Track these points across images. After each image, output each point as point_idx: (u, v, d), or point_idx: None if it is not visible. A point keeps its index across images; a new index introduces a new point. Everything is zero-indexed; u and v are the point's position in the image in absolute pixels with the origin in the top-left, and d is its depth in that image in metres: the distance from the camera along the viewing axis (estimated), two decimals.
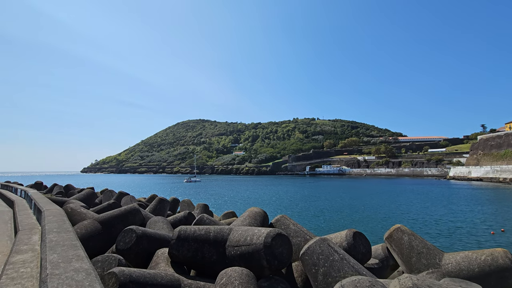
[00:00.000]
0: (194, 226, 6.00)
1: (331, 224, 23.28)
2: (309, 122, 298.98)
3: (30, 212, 8.14)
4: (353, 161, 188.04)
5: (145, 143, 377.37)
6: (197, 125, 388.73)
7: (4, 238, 6.32)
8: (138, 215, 9.03)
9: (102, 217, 8.54)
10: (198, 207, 14.04)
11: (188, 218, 9.38)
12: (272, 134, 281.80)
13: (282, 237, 5.10)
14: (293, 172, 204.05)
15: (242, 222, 6.60)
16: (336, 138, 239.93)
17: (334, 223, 23.72)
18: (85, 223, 8.25)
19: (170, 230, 8.07)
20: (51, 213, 5.29)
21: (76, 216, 8.84)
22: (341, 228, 19.98)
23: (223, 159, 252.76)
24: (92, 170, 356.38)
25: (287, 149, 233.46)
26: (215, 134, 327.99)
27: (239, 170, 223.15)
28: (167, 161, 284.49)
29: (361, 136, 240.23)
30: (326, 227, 21.58)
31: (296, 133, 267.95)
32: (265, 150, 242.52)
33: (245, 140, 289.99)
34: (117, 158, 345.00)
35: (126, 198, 14.74)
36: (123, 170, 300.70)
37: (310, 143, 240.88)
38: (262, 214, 7.14)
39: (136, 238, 6.32)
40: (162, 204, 12.39)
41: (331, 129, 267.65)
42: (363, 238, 5.73)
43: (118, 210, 8.86)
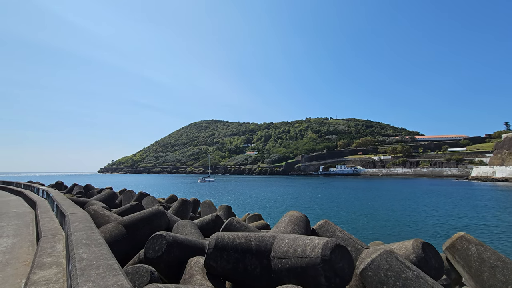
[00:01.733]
0: (233, 233, 5.30)
1: (363, 229, 21.47)
2: (322, 122, 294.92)
3: (53, 214, 7.68)
4: (368, 161, 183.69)
5: (159, 143, 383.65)
6: (210, 125, 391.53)
7: (25, 243, 5.83)
8: (163, 218, 8.45)
9: (127, 220, 8.00)
10: (221, 208, 13.40)
11: (217, 222, 8.71)
12: (285, 134, 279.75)
13: (341, 249, 4.30)
14: (306, 172, 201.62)
15: (285, 228, 5.84)
16: (350, 137, 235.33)
17: (366, 229, 21.90)
18: (109, 226, 7.73)
19: (200, 235, 7.42)
20: (75, 218, 4.71)
21: (100, 219, 8.37)
22: (377, 236, 18.61)
23: (236, 159, 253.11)
24: (109, 170, 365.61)
25: (300, 149, 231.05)
26: (228, 134, 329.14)
27: (251, 170, 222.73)
28: (180, 161, 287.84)
29: (376, 135, 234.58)
30: (360, 234, 19.77)
31: (309, 133, 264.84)
32: (277, 150, 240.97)
33: (257, 140, 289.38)
34: (133, 159, 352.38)
35: (147, 199, 14.29)
36: (138, 170, 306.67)
37: (324, 143, 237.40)
38: (305, 220, 6.36)
39: (166, 245, 5.68)
40: (185, 205, 11.82)
41: (345, 128, 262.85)
42: (433, 250, 4.84)
43: (142, 213, 8.31)
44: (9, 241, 6.00)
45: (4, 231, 7.08)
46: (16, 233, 6.81)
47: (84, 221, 4.37)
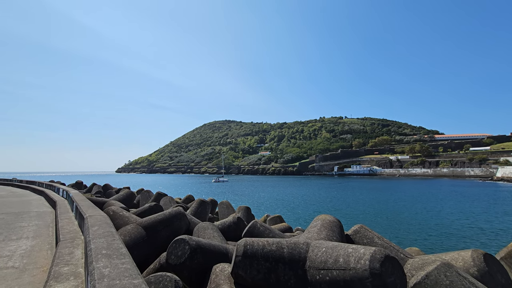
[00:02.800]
0: (262, 240, 4.83)
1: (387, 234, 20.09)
2: (336, 121, 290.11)
3: (72, 215, 7.48)
4: (385, 161, 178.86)
5: (174, 144, 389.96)
6: (223, 126, 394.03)
7: (45, 246, 5.59)
8: (183, 220, 8.10)
9: (146, 222, 7.70)
10: (240, 210, 12.98)
11: (238, 224, 8.27)
12: (298, 134, 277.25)
13: (392, 261, 3.72)
14: (320, 172, 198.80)
15: (318, 234, 5.30)
16: (366, 137, 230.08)
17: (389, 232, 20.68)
18: (129, 228, 7.45)
19: (222, 240, 7.00)
20: (94, 221, 4.38)
21: (119, 220, 8.13)
22: (401, 241, 17.46)
23: (249, 159, 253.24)
24: (126, 170, 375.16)
25: (313, 149, 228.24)
26: (241, 134, 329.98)
27: (265, 170, 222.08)
28: (194, 161, 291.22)
29: (393, 134, 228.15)
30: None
31: (323, 133, 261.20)
32: (291, 150, 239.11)
33: (270, 140, 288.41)
34: (148, 159, 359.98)
35: (165, 199, 14.08)
36: (153, 170, 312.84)
37: (338, 142, 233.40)
38: (338, 224, 5.79)
39: (190, 251, 5.28)
40: (203, 206, 11.47)
41: (360, 127, 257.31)
42: (497, 263, 4.16)
43: (162, 214, 7.99)
44: (28, 243, 5.79)
45: (24, 232, 6.94)
46: (36, 235, 6.63)
47: (104, 225, 4.02)
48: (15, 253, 5.11)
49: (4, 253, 5.13)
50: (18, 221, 8.47)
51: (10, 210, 10.76)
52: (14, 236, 6.48)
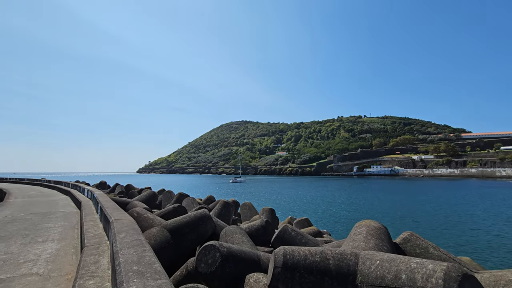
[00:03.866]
0: (302, 248, 4.28)
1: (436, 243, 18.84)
2: (355, 120, 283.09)
3: (97, 217, 7.28)
4: (407, 161, 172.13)
5: (191, 145, 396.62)
6: (240, 126, 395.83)
7: (70, 250, 5.34)
8: (209, 223, 7.70)
9: (171, 225, 7.37)
10: (264, 211, 12.46)
11: (267, 228, 7.75)
12: (316, 134, 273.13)
13: (470, 280, 3.06)
14: (339, 172, 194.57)
15: (366, 243, 4.67)
16: (387, 136, 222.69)
17: (436, 241, 19.25)
18: (154, 231, 7.14)
19: (252, 245, 6.51)
20: (121, 225, 4.02)
21: (143, 222, 7.87)
22: (457, 250, 16.01)
23: (266, 159, 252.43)
24: (146, 170, 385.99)
25: (332, 149, 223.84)
26: (258, 135, 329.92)
27: (282, 171, 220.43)
28: (212, 162, 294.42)
29: (416, 133, 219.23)
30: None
31: (341, 132, 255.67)
32: (308, 150, 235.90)
33: (287, 140, 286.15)
34: (167, 159, 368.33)
35: (187, 200, 13.83)
36: (172, 171, 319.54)
37: (357, 142, 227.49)
38: (385, 231, 5.13)
39: (221, 258, 4.83)
40: (227, 208, 11.06)
41: (380, 126, 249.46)
42: None
43: (187, 217, 7.63)
44: (53, 247, 5.58)
45: (50, 234, 6.79)
46: (61, 237, 6.45)
47: (131, 231, 3.64)
48: (40, 257, 4.87)
49: (29, 257, 4.91)
50: (44, 222, 8.42)
51: (38, 210, 10.86)
52: (40, 238, 6.33)
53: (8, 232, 7.01)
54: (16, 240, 6.11)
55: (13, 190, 21.96)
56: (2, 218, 9.05)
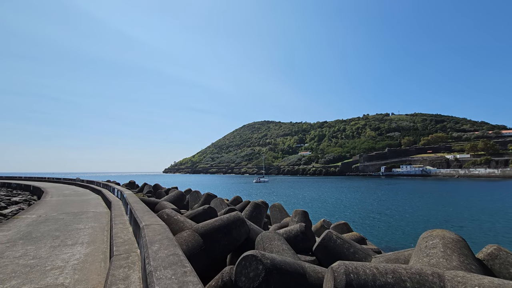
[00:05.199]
0: (367, 265, 3.48)
1: None
2: (382, 118, 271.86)
3: (126, 219, 6.91)
4: (440, 160, 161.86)
5: (215, 145, 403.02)
6: (262, 126, 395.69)
7: (98, 256, 4.92)
8: (243, 227, 7.07)
9: (203, 228, 6.82)
10: (296, 214, 11.63)
11: (307, 234, 6.96)
12: (340, 133, 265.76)
13: None
14: (365, 173, 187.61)
15: (447, 260, 3.75)
16: (417, 134, 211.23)
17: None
18: (185, 235, 6.64)
19: (294, 255, 5.77)
20: (153, 233, 3.46)
21: (173, 225, 7.42)
22: None
23: (289, 159, 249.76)
24: (172, 170, 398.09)
25: (357, 148, 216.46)
26: (280, 134, 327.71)
27: (305, 171, 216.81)
28: (235, 162, 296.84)
29: (449, 131, 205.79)
30: None
31: (367, 131, 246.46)
32: (332, 150, 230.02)
33: (310, 139, 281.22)
34: (192, 160, 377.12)
35: (215, 201, 13.36)
36: (196, 171, 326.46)
37: (385, 141, 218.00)
38: (465, 245, 4.16)
39: (265, 272, 4.15)
40: (258, 210, 10.41)
41: (410, 124, 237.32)
42: None
43: (219, 220, 7.05)
44: (82, 251, 5.21)
45: (80, 236, 6.52)
46: (91, 240, 6.12)
47: (165, 240, 3.06)
48: (68, 264, 4.49)
49: (57, 263, 4.54)
50: (75, 222, 8.27)
51: (70, 210, 10.89)
52: (70, 240, 6.04)
53: (40, 233, 6.85)
54: (46, 242, 5.86)
55: (50, 189, 22.94)
56: (36, 218, 9.06)
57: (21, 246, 5.56)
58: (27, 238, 6.26)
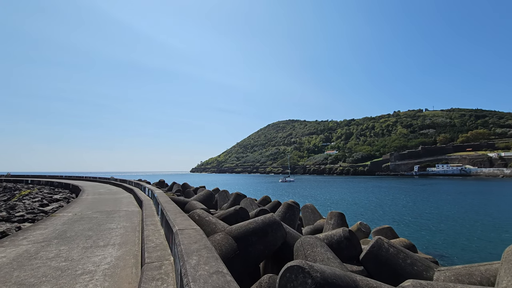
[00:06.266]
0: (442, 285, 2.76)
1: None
2: (414, 115, 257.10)
3: (157, 220, 6.63)
4: (482, 159, 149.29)
5: (240, 145, 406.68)
6: (287, 125, 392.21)
7: (130, 260, 4.60)
8: (279, 230, 6.49)
9: (236, 231, 6.35)
10: (332, 216, 10.84)
11: (351, 240, 6.20)
12: (369, 131, 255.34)
13: None
14: (396, 172, 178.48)
15: None
16: (454, 131, 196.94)
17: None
18: (218, 238, 6.21)
19: (340, 264, 5.09)
20: (188, 240, 3.00)
21: (205, 227, 7.04)
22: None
23: (315, 158, 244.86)
24: (198, 170, 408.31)
25: (387, 147, 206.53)
26: (305, 133, 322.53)
27: (332, 170, 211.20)
28: (260, 161, 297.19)
29: (492, 127, 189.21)
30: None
31: (398, 128, 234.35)
32: (361, 149, 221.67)
33: (337, 138, 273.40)
34: (217, 159, 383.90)
35: (245, 201, 12.92)
36: (222, 170, 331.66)
37: (418, 138, 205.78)
38: None
39: (315, 287, 3.57)
40: (291, 211, 9.78)
41: (446, 120, 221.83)
42: None
43: (254, 223, 6.53)
44: (113, 254, 4.95)
45: (112, 236, 6.34)
46: (122, 241, 5.89)
47: (204, 251, 2.58)
48: (99, 268, 4.20)
49: (88, 266, 4.28)
50: (108, 222, 8.21)
51: (104, 208, 11.01)
52: (102, 241, 5.85)
53: (73, 232, 6.79)
54: (78, 243, 5.72)
55: (87, 188, 24.01)
56: (72, 216, 9.19)
57: (55, 246, 5.45)
58: (62, 238, 6.18)
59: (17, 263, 4.44)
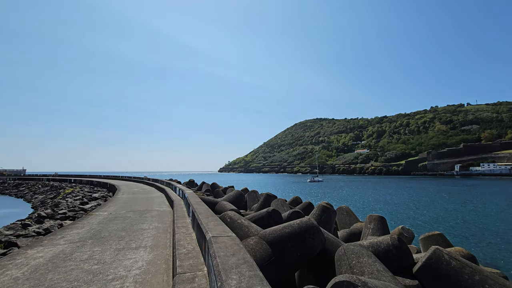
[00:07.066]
0: None
1: None
2: (454, 110, 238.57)
3: (188, 222, 6.41)
4: None
5: (267, 144, 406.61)
6: (315, 124, 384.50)
7: (161, 266, 4.36)
8: (318, 236, 5.94)
9: (271, 236, 5.91)
10: (371, 220, 9.99)
11: (402, 249, 5.46)
12: (403, 128, 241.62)
13: None
14: (434, 172, 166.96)
15: None
16: (502, 127, 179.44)
17: None
18: (252, 243, 5.81)
19: (392, 278, 4.44)
20: (225, 252, 2.62)
21: (237, 230, 6.69)
22: None
23: (344, 158, 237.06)
24: (226, 169, 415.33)
25: (424, 145, 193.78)
26: (334, 132, 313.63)
27: (363, 170, 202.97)
28: (287, 161, 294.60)
29: None
30: None
31: (436, 125, 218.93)
32: (394, 147, 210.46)
33: (368, 136, 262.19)
34: (245, 159, 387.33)
35: (276, 202, 12.44)
36: (249, 170, 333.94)
37: (459, 135, 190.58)
38: None
39: None
40: (327, 214, 9.13)
41: (492, 115, 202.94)
42: None
43: (289, 227, 6.05)
44: (145, 257, 4.76)
45: (144, 238, 6.22)
46: (154, 243, 5.73)
47: (244, 267, 2.18)
48: (130, 274, 4.00)
49: (119, 271, 4.10)
50: (141, 222, 8.21)
51: (137, 208, 11.17)
52: (134, 243, 5.74)
53: (107, 232, 6.81)
54: (111, 244, 5.65)
55: (122, 187, 25.07)
56: (107, 215, 9.37)
57: (89, 247, 5.42)
58: (96, 238, 6.19)
59: (52, 265, 4.40)
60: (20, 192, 42.69)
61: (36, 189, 43.70)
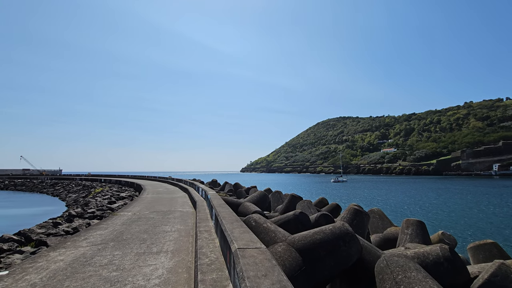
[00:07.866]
0: None
1: None
2: (491, 105, 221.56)
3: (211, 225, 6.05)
4: None
5: (289, 144, 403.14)
6: (338, 123, 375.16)
7: (182, 275, 3.99)
8: (354, 244, 5.32)
9: (301, 243, 5.37)
10: (409, 225, 9.07)
11: (455, 263, 4.70)
12: (433, 126, 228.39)
13: None
14: (470, 171, 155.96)
15: None
16: None
17: None
18: (280, 250, 5.32)
19: None
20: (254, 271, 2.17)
21: (263, 235, 6.22)
22: None
23: (370, 157, 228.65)
24: (248, 169, 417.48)
25: (457, 143, 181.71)
26: (358, 131, 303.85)
27: (390, 170, 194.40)
28: (309, 160, 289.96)
29: None
30: None
31: (470, 121, 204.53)
32: (424, 146, 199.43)
33: (395, 135, 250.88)
34: (267, 159, 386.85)
35: (302, 203, 11.83)
36: (271, 170, 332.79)
37: (497, 132, 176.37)
38: None
39: None
40: (360, 218, 8.39)
41: None
42: None
43: (321, 233, 5.48)
44: (166, 264, 4.44)
45: (165, 241, 5.95)
46: (175, 248, 5.42)
47: None
48: (149, 284, 3.68)
49: (138, 280, 3.79)
50: (163, 223, 8.01)
51: (160, 208, 11.09)
52: (155, 247, 5.47)
53: (130, 234, 6.63)
54: (132, 248, 5.41)
55: (147, 187, 25.59)
56: (131, 216, 9.31)
57: (109, 251, 5.21)
58: (118, 240, 6.01)
59: (71, 270, 4.20)
60: (56, 191, 45.41)
61: (70, 188, 46.22)
